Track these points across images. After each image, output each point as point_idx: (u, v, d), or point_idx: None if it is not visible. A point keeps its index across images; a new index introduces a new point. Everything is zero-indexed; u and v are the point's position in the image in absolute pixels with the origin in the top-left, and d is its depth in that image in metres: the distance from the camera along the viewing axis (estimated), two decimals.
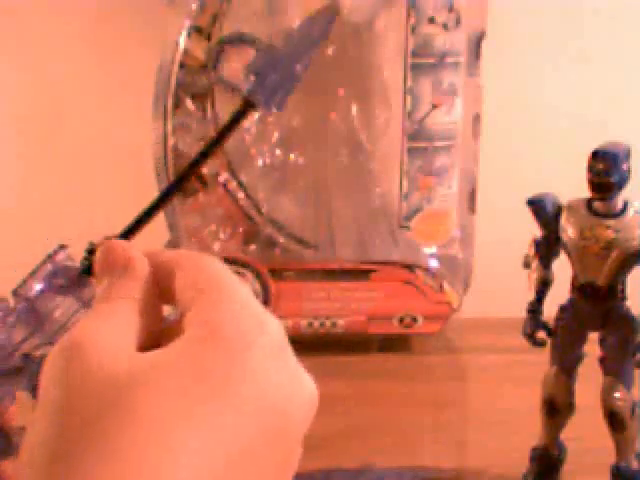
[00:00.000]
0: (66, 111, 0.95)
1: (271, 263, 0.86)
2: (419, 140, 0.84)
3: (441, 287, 0.87)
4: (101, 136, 0.95)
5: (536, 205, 0.61)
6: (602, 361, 0.62)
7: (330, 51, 0.82)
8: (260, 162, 0.84)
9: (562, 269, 0.62)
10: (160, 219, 0.85)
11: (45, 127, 0.96)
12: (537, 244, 0.62)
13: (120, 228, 0.37)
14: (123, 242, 0.36)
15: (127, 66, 0.93)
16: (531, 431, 0.65)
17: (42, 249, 0.44)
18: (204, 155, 0.38)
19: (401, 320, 0.87)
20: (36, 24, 0.93)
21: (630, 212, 0.59)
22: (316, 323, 0.86)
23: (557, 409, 0.63)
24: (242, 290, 0.33)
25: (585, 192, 0.59)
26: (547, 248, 0.62)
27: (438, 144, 0.84)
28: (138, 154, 0.85)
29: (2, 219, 0.95)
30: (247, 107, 0.37)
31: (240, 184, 0.84)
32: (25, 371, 0.36)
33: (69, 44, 0.94)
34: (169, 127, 0.82)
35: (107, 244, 0.35)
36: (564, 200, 0.61)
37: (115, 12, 0.92)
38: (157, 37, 0.82)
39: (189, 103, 0.82)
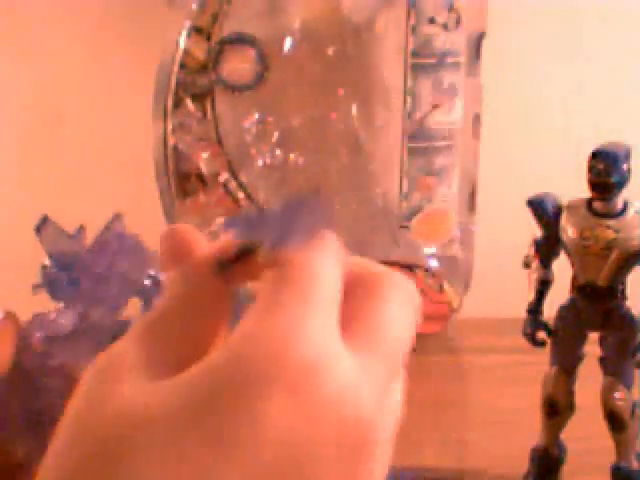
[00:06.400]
0: (66, 111, 0.95)
1: None
2: (419, 140, 0.84)
3: (441, 287, 0.87)
4: (101, 136, 0.95)
5: (536, 205, 0.61)
6: (602, 361, 0.62)
7: (330, 51, 0.82)
8: (260, 162, 0.84)
9: (562, 269, 0.62)
10: (160, 219, 0.85)
11: (45, 127, 0.95)
12: (537, 244, 0.62)
13: None
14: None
15: (127, 66, 0.93)
16: (531, 431, 0.65)
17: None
18: None
19: None
20: (36, 24, 0.93)
21: (630, 212, 0.59)
22: None
23: (557, 409, 0.63)
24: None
25: (585, 192, 0.59)
26: (547, 248, 0.62)
27: (438, 144, 0.84)
28: (138, 154, 0.85)
29: (2, 219, 0.95)
30: None
31: (240, 184, 0.84)
32: None
33: (69, 44, 0.94)
34: (169, 127, 0.82)
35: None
36: (564, 200, 0.61)
37: (115, 12, 0.92)
38: (157, 37, 0.82)
39: (189, 103, 0.82)
